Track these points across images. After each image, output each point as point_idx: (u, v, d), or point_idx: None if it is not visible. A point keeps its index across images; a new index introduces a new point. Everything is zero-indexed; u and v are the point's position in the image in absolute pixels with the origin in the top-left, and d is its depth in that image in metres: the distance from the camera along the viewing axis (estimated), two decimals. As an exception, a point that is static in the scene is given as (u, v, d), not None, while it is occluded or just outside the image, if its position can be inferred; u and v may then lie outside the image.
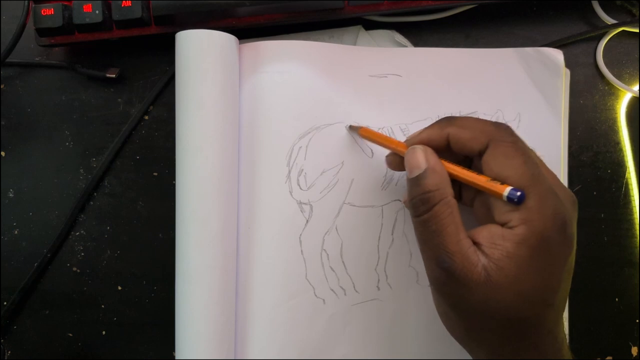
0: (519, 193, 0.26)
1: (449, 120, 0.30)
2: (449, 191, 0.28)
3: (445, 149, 0.30)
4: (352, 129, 0.36)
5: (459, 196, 0.32)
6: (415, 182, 0.28)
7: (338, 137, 0.37)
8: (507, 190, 0.26)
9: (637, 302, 0.38)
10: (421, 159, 0.29)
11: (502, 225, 0.27)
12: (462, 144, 0.29)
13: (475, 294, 0.26)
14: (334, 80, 0.37)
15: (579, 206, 0.29)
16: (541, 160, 0.29)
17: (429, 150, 0.29)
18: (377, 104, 0.38)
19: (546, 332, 0.27)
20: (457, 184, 0.30)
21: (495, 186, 0.27)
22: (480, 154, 0.29)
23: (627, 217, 0.39)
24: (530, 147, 0.29)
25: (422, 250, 0.29)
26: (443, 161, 0.29)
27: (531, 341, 0.27)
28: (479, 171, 0.29)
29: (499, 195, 0.27)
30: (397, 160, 0.33)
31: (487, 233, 0.27)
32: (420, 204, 0.28)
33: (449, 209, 0.27)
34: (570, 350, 0.29)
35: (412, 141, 0.31)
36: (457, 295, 0.27)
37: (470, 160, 0.31)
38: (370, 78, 0.38)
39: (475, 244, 0.27)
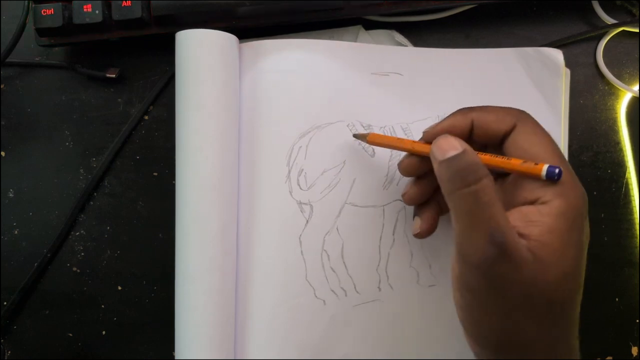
0: (557, 170, 0.26)
1: (470, 108, 0.30)
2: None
3: (467, 138, 0.29)
4: (357, 136, 0.35)
5: None
6: (456, 158, 0.27)
7: (339, 136, 0.36)
8: (545, 167, 0.26)
9: (637, 302, 0.38)
10: (456, 142, 0.27)
11: (532, 203, 0.27)
12: (487, 127, 0.29)
13: (523, 273, 0.25)
14: (334, 78, 0.37)
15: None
16: None
17: (460, 139, 0.28)
18: (378, 102, 0.38)
19: (575, 319, 0.27)
20: None
21: (531, 167, 0.27)
22: (505, 135, 0.29)
23: (627, 217, 0.39)
24: None
25: (469, 227, 0.26)
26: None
27: (564, 327, 0.26)
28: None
29: (536, 174, 0.26)
30: (413, 163, 0.31)
31: (518, 215, 0.26)
32: (468, 173, 0.26)
33: (494, 187, 0.26)
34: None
35: (432, 132, 0.30)
36: (505, 275, 0.25)
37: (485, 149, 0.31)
38: (372, 76, 0.38)
39: None
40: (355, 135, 0.36)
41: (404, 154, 0.32)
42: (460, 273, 0.27)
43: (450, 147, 0.27)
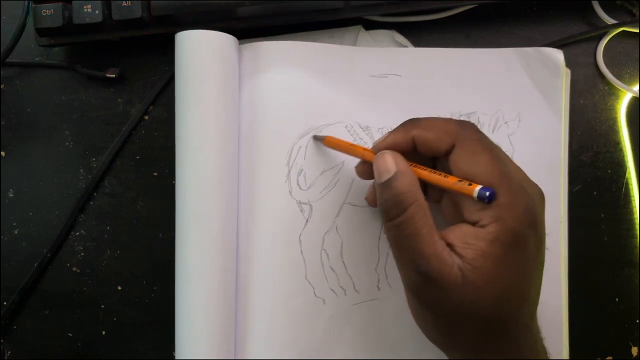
0: (488, 193, 0.26)
1: (412, 123, 0.30)
2: (419, 193, 0.28)
3: (412, 151, 0.30)
4: (317, 138, 0.36)
5: (425, 195, 0.32)
6: (385, 186, 0.28)
7: (338, 137, 0.36)
8: (476, 189, 0.26)
9: (637, 302, 0.38)
10: (390, 163, 0.28)
11: (473, 224, 0.27)
12: (427, 146, 0.29)
13: (453, 296, 0.26)
14: (333, 80, 0.37)
15: (580, 206, 0.29)
16: (507, 156, 0.29)
17: (398, 154, 0.29)
18: (377, 104, 0.38)
19: (523, 327, 0.27)
20: (423, 183, 0.29)
21: (464, 187, 0.27)
22: (447, 153, 0.29)
23: (627, 217, 0.39)
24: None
25: (397, 255, 0.28)
26: (413, 165, 0.29)
27: (509, 337, 0.27)
28: (445, 170, 0.29)
29: (469, 195, 0.27)
30: (366, 169, 0.33)
31: (459, 233, 0.27)
32: (392, 207, 0.28)
33: (422, 211, 0.27)
34: (570, 349, 0.29)
35: (378, 147, 0.31)
36: (435, 299, 0.27)
37: (435, 159, 0.31)
38: (370, 78, 0.38)
39: (448, 244, 0.27)
40: (314, 137, 0.36)
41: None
42: (405, 291, 0.29)
43: (384, 168, 0.28)
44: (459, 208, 0.29)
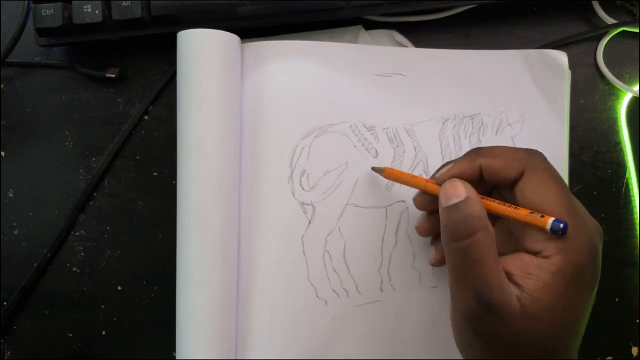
0: (562, 225, 0.25)
1: (478, 152, 0.30)
2: (488, 222, 0.27)
3: (477, 182, 0.29)
4: (375, 170, 0.36)
5: None
6: (455, 208, 0.27)
7: (342, 137, 0.36)
8: (549, 221, 0.26)
9: (637, 302, 0.38)
10: (461, 189, 0.28)
11: (535, 254, 0.27)
12: (495, 173, 0.29)
13: (510, 327, 0.26)
14: (337, 79, 0.37)
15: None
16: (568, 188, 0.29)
17: (468, 184, 0.29)
18: (381, 103, 0.37)
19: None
20: None
21: (537, 219, 0.26)
22: (514, 182, 0.28)
23: (627, 217, 0.39)
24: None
25: (458, 279, 0.27)
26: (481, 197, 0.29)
27: None
28: (504, 200, 0.28)
29: (541, 227, 0.26)
30: (425, 200, 0.32)
31: (519, 262, 0.27)
32: (461, 228, 0.27)
33: (490, 239, 0.27)
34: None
35: (443, 177, 0.30)
36: (491, 328, 0.26)
37: (492, 190, 0.31)
38: (375, 77, 0.38)
39: (506, 273, 0.26)
40: (373, 168, 0.36)
41: (408, 161, 0.34)
42: (453, 314, 0.28)
43: (454, 193, 0.28)
44: (515, 238, 0.28)
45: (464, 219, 0.27)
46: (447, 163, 0.31)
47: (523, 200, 0.28)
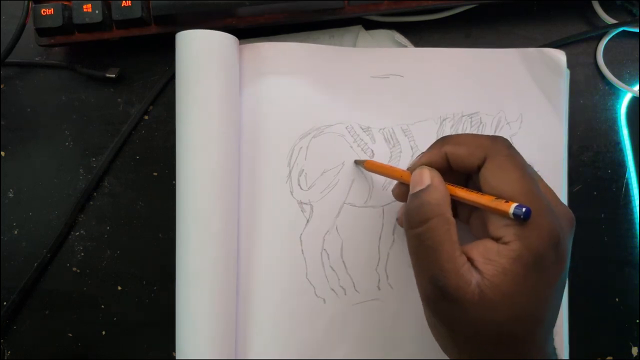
0: (524, 209, 0.25)
1: (444, 140, 0.30)
2: (447, 209, 0.27)
3: (447, 170, 0.30)
4: (358, 162, 0.36)
5: (454, 213, 0.31)
6: (414, 196, 0.28)
7: (338, 138, 0.37)
8: (512, 207, 0.26)
9: (637, 302, 0.38)
10: (425, 176, 0.28)
11: (497, 240, 0.27)
12: (460, 161, 0.29)
13: (469, 313, 0.26)
14: (335, 81, 0.37)
15: (580, 206, 0.29)
16: (539, 176, 0.29)
17: (435, 171, 0.29)
18: (379, 104, 0.38)
19: (536, 349, 0.27)
20: (453, 202, 0.29)
21: (501, 204, 0.26)
22: (479, 169, 0.28)
23: (627, 217, 0.39)
24: (529, 156, 0.29)
25: (415, 265, 0.28)
26: (448, 184, 0.29)
27: (520, 357, 0.27)
28: (477, 188, 0.28)
29: (505, 214, 0.26)
30: (403, 190, 0.32)
31: (482, 248, 0.27)
32: (415, 215, 0.27)
33: (446, 226, 0.27)
34: (570, 350, 0.29)
35: (414, 166, 0.31)
36: (449, 313, 0.27)
37: (468, 180, 0.31)
38: (371, 79, 0.38)
39: (469, 259, 0.27)
40: (355, 162, 0.36)
41: (405, 160, 0.34)
42: (420, 298, 0.29)
43: (419, 181, 0.28)
44: (484, 224, 0.28)
45: (419, 206, 0.27)
46: (422, 153, 0.31)
47: (485, 186, 0.28)
